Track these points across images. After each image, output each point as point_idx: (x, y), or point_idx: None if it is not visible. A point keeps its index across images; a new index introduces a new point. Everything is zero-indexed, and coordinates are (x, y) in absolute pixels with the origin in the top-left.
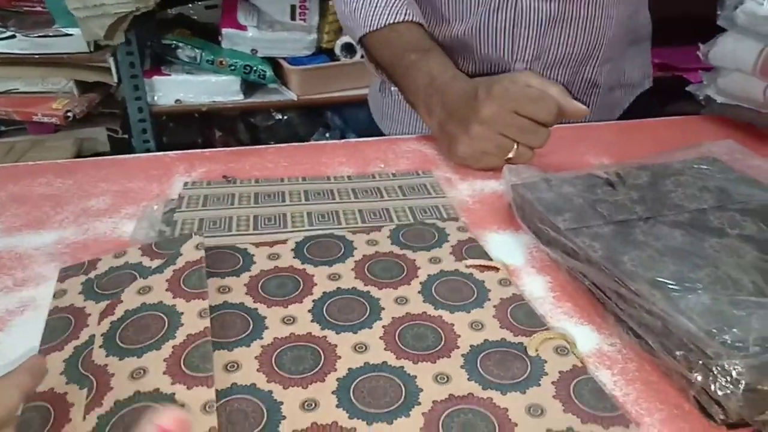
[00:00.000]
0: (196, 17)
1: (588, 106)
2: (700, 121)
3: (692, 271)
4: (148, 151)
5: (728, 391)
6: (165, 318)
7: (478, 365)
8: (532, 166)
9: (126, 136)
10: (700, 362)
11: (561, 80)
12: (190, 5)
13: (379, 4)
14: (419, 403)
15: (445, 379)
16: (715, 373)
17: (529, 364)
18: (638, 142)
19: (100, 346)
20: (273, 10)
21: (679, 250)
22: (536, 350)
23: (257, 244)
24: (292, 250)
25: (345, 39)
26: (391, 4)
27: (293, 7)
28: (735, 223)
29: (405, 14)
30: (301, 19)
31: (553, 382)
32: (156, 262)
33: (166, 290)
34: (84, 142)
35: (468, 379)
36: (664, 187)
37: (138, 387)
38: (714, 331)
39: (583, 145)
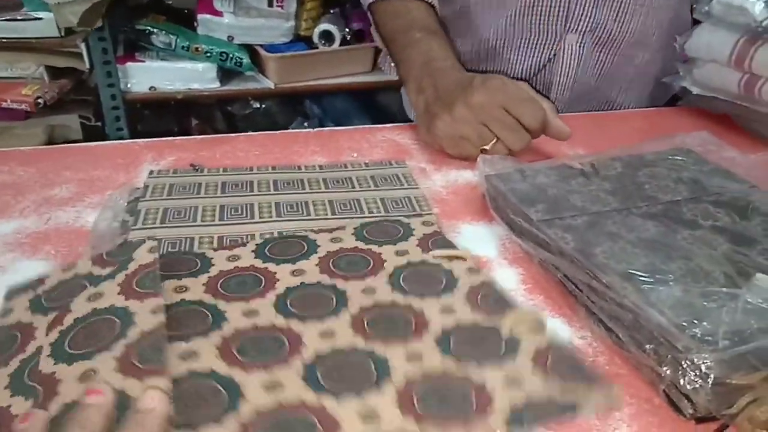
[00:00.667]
0: (171, 2)
1: (633, 93)
2: (675, 112)
3: (664, 263)
4: (121, 139)
5: (697, 386)
6: (117, 320)
7: (451, 345)
8: (507, 157)
9: (99, 123)
10: (670, 356)
11: (610, 61)
12: None
13: None
14: (391, 381)
15: (419, 357)
16: (685, 367)
17: (503, 342)
18: (614, 132)
19: (48, 356)
20: None
21: (652, 242)
22: (510, 330)
23: (216, 249)
24: (252, 251)
25: (323, 27)
26: None
27: None
28: (708, 215)
29: None
30: (278, 6)
31: (531, 359)
32: (107, 270)
33: (118, 294)
34: (56, 129)
35: (442, 357)
36: (638, 179)
37: (86, 387)
38: (684, 324)
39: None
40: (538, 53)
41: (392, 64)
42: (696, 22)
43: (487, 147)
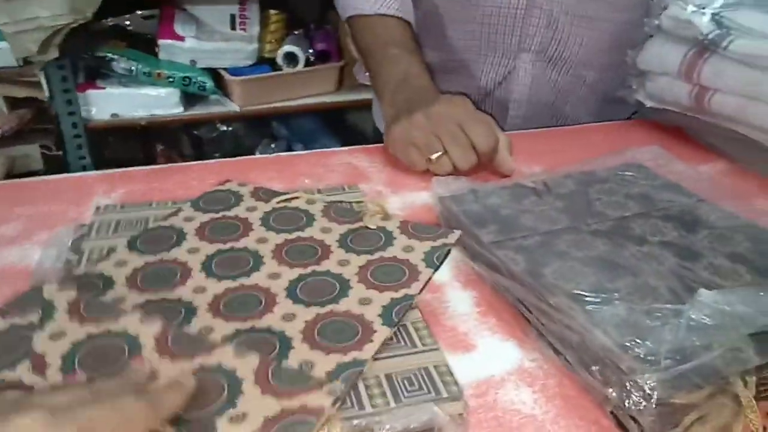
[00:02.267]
0: (132, 28)
1: (586, 112)
2: (630, 125)
3: (611, 280)
4: (84, 168)
5: (641, 407)
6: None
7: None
8: (461, 178)
9: (60, 152)
10: (615, 377)
11: (562, 80)
12: (127, 16)
13: None
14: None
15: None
16: (629, 388)
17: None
18: (570, 148)
19: None
20: (212, 20)
21: (600, 260)
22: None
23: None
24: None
25: (287, 48)
26: None
27: (233, 17)
28: (656, 230)
29: (396, 10)
30: (241, 29)
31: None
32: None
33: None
34: (16, 160)
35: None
36: (589, 196)
37: None
38: (627, 344)
39: (515, 153)
40: (494, 70)
41: (366, 74)
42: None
43: (432, 157)
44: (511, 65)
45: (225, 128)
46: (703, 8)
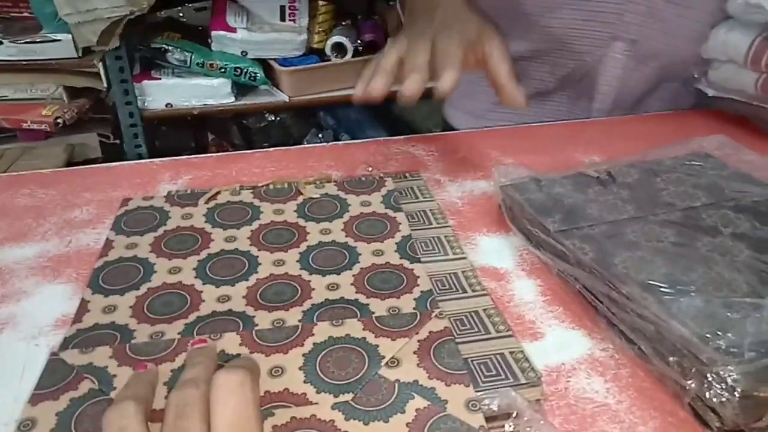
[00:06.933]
0: (185, 20)
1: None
2: (691, 115)
3: (685, 272)
4: (139, 156)
5: (724, 399)
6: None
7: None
8: (521, 166)
9: (117, 141)
10: (694, 369)
11: (653, 75)
12: (180, 8)
13: None
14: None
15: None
16: (710, 380)
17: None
18: (628, 138)
19: None
20: (262, 12)
21: (672, 251)
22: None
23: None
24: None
25: (335, 39)
26: None
27: (282, 8)
28: (728, 221)
29: None
30: (290, 20)
31: None
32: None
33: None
34: (75, 148)
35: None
36: (655, 185)
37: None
38: (708, 336)
39: (573, 142)
40: (580, 59)
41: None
42: None
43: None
44: (602, 53)
45: (273, 118)
46: None
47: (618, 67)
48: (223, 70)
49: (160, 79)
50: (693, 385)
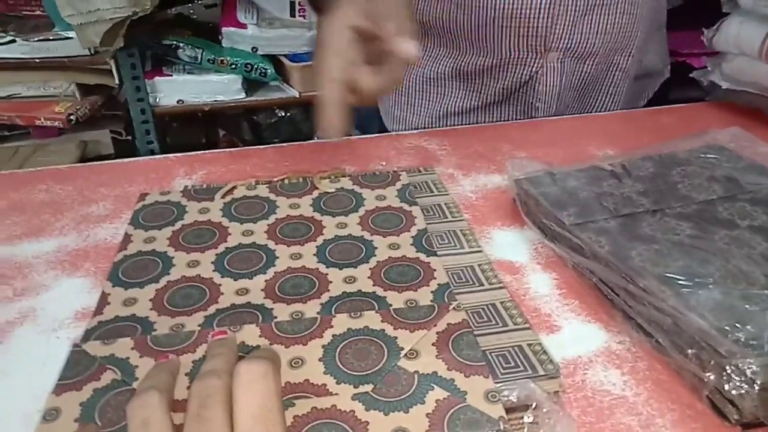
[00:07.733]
0: (195, 17)
1: (616, 96)
2: (704, 108)
3: (702, 265)
4: (151, 152)
5: (743, 391)
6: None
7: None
8: (534, 160)
9: (130, 137)
10: (713, 361)
11: (593, 70)
12: (190, 5)
13: None
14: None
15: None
16: (729, 372)
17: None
18: (642, 131)
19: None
20: (272, 7)
21: (688, 244)
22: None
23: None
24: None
25: None
26: None
27: (292, 4)
28: (745, 214)
29: None
30: (300, 16)
31: None
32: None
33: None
34: (88, 144)
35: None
36: (670, 178)
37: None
38: (727, 328)
39: (585, 136)
40: (519, 72)
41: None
42: (719, 12)
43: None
44: (539, 64)
45: (283, 114)
46: None
47: (555, 74)
48: (233, 66)
49: (171, 75)
50: (712, 378)
